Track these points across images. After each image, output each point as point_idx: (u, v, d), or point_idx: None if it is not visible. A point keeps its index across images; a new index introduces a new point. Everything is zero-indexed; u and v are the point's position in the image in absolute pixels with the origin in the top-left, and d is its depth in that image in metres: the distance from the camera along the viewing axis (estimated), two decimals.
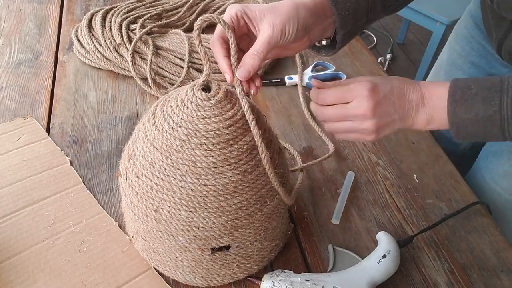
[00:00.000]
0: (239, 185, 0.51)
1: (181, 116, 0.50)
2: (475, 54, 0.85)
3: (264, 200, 0.54)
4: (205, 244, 0.53)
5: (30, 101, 0.85)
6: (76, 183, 0.70)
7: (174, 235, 0.52)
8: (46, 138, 0.77)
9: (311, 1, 0.54)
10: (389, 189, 0.74)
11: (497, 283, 0.62)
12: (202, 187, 0.50)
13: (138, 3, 1.02)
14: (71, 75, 0.91)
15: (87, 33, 0.92)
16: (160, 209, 0.51)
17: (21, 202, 0.66)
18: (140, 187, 0.52)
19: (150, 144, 0.52)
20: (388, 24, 2.89)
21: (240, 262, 0.57)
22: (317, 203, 0.71)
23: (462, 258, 0.65)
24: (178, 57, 0.90)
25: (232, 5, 0.53)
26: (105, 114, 0.84)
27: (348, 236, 0.67)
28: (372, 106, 0.53)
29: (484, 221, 0.70)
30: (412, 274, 0.63)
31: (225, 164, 0.50)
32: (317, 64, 0.98)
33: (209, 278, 0.58)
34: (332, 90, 0.55)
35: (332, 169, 0.77)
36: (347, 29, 0.57)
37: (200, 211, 0.51)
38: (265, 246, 0.59)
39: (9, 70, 0.92)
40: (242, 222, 0.53)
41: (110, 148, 0.77)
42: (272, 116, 0.85)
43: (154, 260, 0.59)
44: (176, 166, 0.50)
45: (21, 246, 0.61)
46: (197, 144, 0.49)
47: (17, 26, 1.04)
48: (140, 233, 0.57)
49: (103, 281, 0.58)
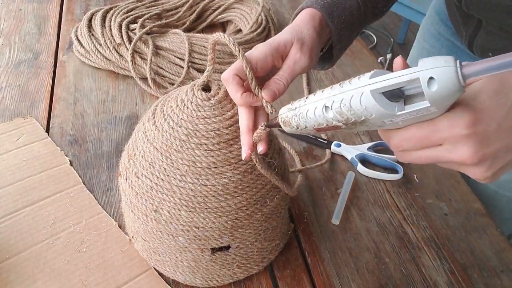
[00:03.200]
0: (239, 185, 0.51)
1: (181, 116, 0.50)
2: (445, 51, 0.85)
3: (264, 200, 0.54)
4: (205, 244, 0.53)
5: (29, 101, 0.85)
6: (76, 183, 0.70)
7: (174, 235, 0.52)
8: (45, 138, 0.77)
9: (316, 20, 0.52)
10: (389, 189, 0.74)
11: (497, 283, 0.62)
12: (202, 187, 0.50)
13: (138, 3, 1.02)
14: (70, 75, 0.91)
15: (87, 33, 0.92)
16: (160, 209, 0.51)
17: (21, 202, 0.66)
18: (140, 187, 0.52)
19: (150, 144, 0.52)
20: (388, 24, 2.89)
21: (240, 262, 0.57)
22: (317, 203, 0.71)
23: (462, 258, 0.65)
24: (178, 57, 0.90)
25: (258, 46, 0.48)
26: (105, 114, 0.84)
27: (348, 236, 0.67)
28: (475, 151, 0.35)
29: (484, 221, 0.70)
30: (412, 274, 0.62)
31: (225, 164, 0.50)
32: (379, 144, 0.81)
33: (209, 278, 0.58)
34: (411, 130, 0.37)
35: (332, 169, 0.77)
36: (343, 43, 0.56)
37: (200, 211, 0.50)
38: (265, 246, 0.58)
39: (8, 70, 0.91)
40: (242, 222, 0.53)
41: (110, 148, 0.77)
42: (272, 116, 0.85)
43: (154, 260, 0.59)
44: (176, 166, 0.50)
45: (21, 246, 0.61)
46: (197, 144, 0.49)
47: (17, 26, 1.04)
48: (140, 233, 0.57)
49: (103, 281, 0.58)
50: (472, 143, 0.35)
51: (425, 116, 0.35)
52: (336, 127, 0.39)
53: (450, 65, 0.31)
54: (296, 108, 0.42)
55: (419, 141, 0.37)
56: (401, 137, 0.38)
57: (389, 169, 0.77)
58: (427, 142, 0.37)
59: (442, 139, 0.36)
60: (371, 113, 0.35)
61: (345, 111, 0.36)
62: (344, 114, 0.37)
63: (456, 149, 0.36)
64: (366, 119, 0.36)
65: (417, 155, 0.38)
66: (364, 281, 0.61)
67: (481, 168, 0.37)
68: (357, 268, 0.63)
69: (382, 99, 0.35)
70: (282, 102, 0.46)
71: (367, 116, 0.36)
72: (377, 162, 0.78)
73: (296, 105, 0.42)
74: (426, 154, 0.38)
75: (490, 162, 0.37)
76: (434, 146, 0.37)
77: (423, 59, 0.33)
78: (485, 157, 0.36)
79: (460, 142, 0.35)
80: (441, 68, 0.31)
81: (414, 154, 0.38)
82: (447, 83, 0.31)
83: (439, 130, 0.35)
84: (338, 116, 0.37)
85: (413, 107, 0.34)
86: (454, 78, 0.31)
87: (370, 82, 0.35)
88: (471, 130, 0.35)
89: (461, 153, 0.36)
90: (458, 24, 0.75)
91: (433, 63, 0.32)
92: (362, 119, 0.36)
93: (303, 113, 0.40)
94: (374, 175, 0.75)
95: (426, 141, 0.37)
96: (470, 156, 0.35)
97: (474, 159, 0.36)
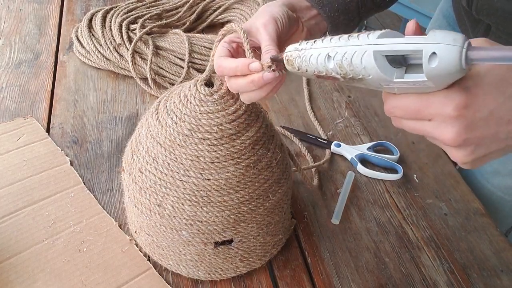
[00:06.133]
0: (242, 180, 0.51)
1: (184, 111, 0.51)
2: None
3: (266, 195, 0.54)
4: (208, 238, 0.53)
5: (30, 101, 0.85)
6: (76, 183, 0.70)
7: (177, 230, 0.53)
8: (46, 138, 0.77)
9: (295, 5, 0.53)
10: (389, 189, 0.74)
11: (497, 283, 0.62)
12: (205, 181, 0.50)
13: (138, 3, 1.02)
14: (71, 75, 0.91)
15: (87, 33, 0.92)
16: (164, 204, 0.52)
17: (21, 202, 0.66)
18: (144, 182, 0.53)
19: (154, 139, 0.52)
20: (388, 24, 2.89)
21: (243, 256, 0.58)
22: (317, 203, 0.71)
23: (462, 258, 0.65)
24: (178, 57, 0.90)
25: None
26: (105, 114, 0.84)
27: (348, 236, 0.67)
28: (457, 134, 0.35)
29: (484, 221, 0.70)
30: (412, 274, 0.63)
31: (228, 159, 0.50)
32: (379, 144, 0.81)
33: (212, 272, 0.58)
34: (405, 100, 0.37)
35: (332, 169, 0.77)
36: (340, 30, 0.56)
37: (203, 205, 0.51)
38: (267, 241, 0.59)
39: (9, 70, 0.92)
40: (245, 216, 0.53)
41: (110, 148, 0.77)
42: (272, 116, 0.85)
43: (157, 254, 0.59)
44: (180, 161, 0.50)
45: (21, 246, 0.61)
46: (200, 139, 0.50)
47: (17, 26, 1.04)
48: (144, 228, 0.57)
49: (103, 281, 0.58)
50: (457, 125, 0.35)
51: (421, 89, 0.35)
52: (334, 78, 0.38)
53: (457, 44, 0.30)
54: (302, 50, 0.40)
55: (410, 112, 0.37)
56: (395, 104, 0.38)
57: (389, 169, 0.77)
58: (417, 115, 0.37)
59: (431, 115, 0.36)
60: (369, 73, 0.35)
61: (345, 65, 0.36)
62: (344, 68, 0.36)
63: (440, 128, 0.36)
64: (363, 78, 0.36)
65: (407, 124, 0.39)
66: (364, 281, 0.61)
67: (462, 152, 0.37)
68: (357, 268, 0.63)
69: (383, 62, 0.34)
70: (282, 102, 0.46)
71: (365, 76, 0.35)
72: (377, 162, 0.78)
73: (303, 46, 0.41)
74: (415, 125, 0.38)
75: (472, 148, 0.36)
76: (424, 120, 0.37)
77: (435, 31, 0.32)
78: (468, 142, 0.36)
79: (445, 122, 0.35)
80: (447, 45, 0.30)
81: (404, 122, 0.39)
82: (448, 62, 0.30)
83: (431, 106, 0.35)
84: (337, 69, 0.37)
85: (410, 78, 0.34)
86: (456, 59, 0.30)
87: (376, 42, 0.34)
88: (460, 113, 0.34)
89: (444, 132, 0.36)
90: (467, 29, 0.75)
91: (441, 38, 0.31)
92: (360, 77, 0.36)
93: (307, 57, 0.40)
94: (374, 175, 0.75)
95: (416, 113, 0.37)
96: (452, 137, 0.36)
97: (455, 141, 0.36)
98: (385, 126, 0.85)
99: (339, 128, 0.84)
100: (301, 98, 0.89)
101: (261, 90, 0.45)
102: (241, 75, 0.45)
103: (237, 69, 0.44)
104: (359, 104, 0.90)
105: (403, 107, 0.37)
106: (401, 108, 0.38)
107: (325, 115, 0.87)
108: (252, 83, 0.44)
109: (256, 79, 0.44)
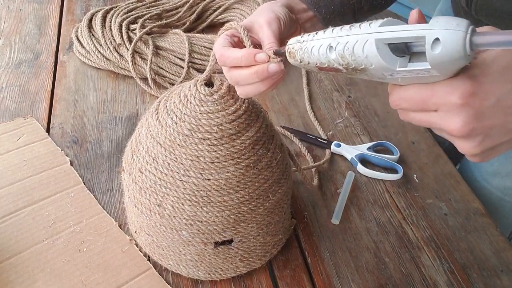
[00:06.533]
0: (242, 180, 0.51)
1: (184, 111, 0.51)
2: None
3: (266, 195, 0.54)
4: (208, 238, 0.54)
5: (30, 101, 0.85)
6: (76, 183, 0.70)
7: (177, 230, 0.53)
8: (46, 138, 0.77)
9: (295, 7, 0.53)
10: (389, 189, 0.74)
11: (497, 283, 0.62)
12: (205, 181, 0.50)
13: (138, 3, 1.02)
14: (71, 75, 0.91)
15: (87, 33, 0.92)
16: (164, 204, 0.52)
17: (21, 202, 0.66)
18: (144, 182, 0.53)
19: (154, 139, 0.52)
20: None
21: (243, 256, 0.58)
22: (317, 203, 0.71)
23: (462, 258, 0.65)
24: (178, 57, 0.90)
25: None
26: (105, 114, 0.84)
27: (348, 236, 0.67)
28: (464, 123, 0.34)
29: (484, 221, 0.70)
30: (412, 273, 0.63)
31: (228, 159, 0.51)
32: (379, 144, 0.81)
33: (212, 271, 0.58)
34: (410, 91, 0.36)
35: (332, 169, 0.77)
36: None
37: (203, 205, 0.51)
38: (267, 241, 0.59)
39: (9, 70, 0.92)
40: (245, 216, 0.53)
41: (110, 148, 0.77)
42: (272, 116, 0.85)
43: (157, 254, 0.59)
44: (180, 161, 0.50)
45: (21, 246, 0.61)
46: (200, 139, 0.50)
47: (17, 26, 1.04)
48: (144, 228, 0.57)
49: (103, 281, 0.58)
50: (464, 114, 0.33)
51: (426, 78, 0.33)
52: (337, 69, 0.38)
53: (461, 29, 0.29)
54: (304, 41, 0.40)
55: (415, 103, 0.36)
56: (399, 95, 0.37)
57: (389, 169, 0.77)
58: (423, 106, 0.36)
59: (437, 105, 0.34)
60: (371, 63, 0.34)
61: (347, 55, 0.35)
62: (346, 58, 0.36)
63: (447, 118, 0.34)
64: (366, 68, 0.35)
65: (413, 116, 0.38)
66: (364, 281, 0.61)
67: (470, 142, 0.35)
68: (357, 268, 0.63)
69: (385, 51, 0.33)
70: (282, 102, 0.46)
71: (367, 65, 0.34)
72: (377, 162, 0.78)
73: (304, 38, 0.40)
74: (421, 117, 0.37)
75: (480, 138, 0.35)
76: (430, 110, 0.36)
77: (438, 17, 0.31)
78: (475, 131, 0.34)
79: (452, 111, 0.34)
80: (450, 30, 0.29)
81: (410, 115, 0.38)
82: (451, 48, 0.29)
83: (436, 96, 0.34)
84: (339, 59, 0.36)
85: (414, 66, 0.33)
86: (460, 45, 0.29)
87: (377, 30, 0.33)
88: (466, 101, 0.33)
89: (451, 122, 0.34)
90: None
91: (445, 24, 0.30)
92: (362, 67, 0.35)
93: (308, 48, 0.39)
94: (374, 175, 0.75)
95: (422, 104, 0.36)
96: (459, 127, 0.34)
97: (462, 131, 0.34)
98: (385, 126, 0.85)
99: (339, 128, 0.84)
100: (301, 98, 0.89)
101: (261, 83, 0.44)
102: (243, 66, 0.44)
103: (242, 59, 0.43)
104: (359, 104, 0.90)
105: (408, 98, 0.36)
106: (406, 99, 0.36)
107: (325, 115, 0.87)
108: (255, 74, 0.43)
109: (260, 70, 0.43)
